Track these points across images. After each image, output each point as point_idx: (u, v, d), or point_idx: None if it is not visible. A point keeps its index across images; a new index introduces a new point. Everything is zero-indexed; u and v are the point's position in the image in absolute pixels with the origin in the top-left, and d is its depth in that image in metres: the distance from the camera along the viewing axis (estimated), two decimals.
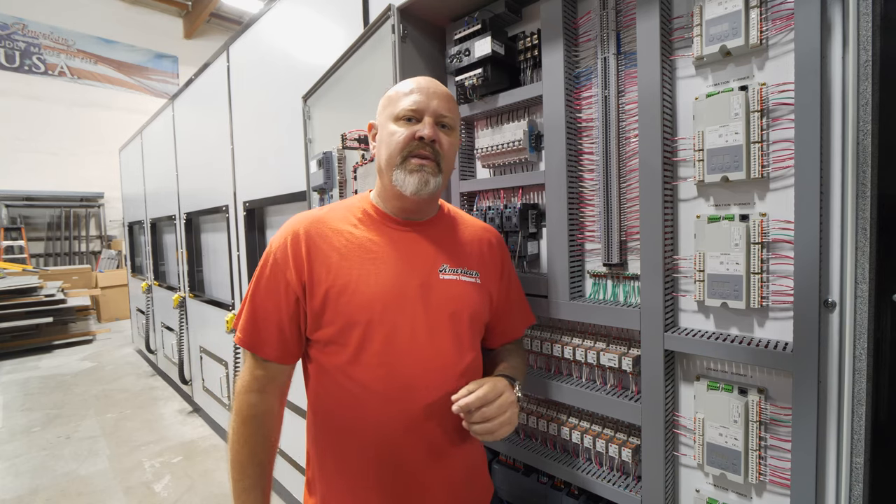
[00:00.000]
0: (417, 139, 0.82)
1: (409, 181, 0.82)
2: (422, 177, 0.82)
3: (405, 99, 0.84)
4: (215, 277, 3.38)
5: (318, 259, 0.83)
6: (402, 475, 0.83)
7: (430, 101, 0.84)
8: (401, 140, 0.82)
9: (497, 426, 0.78)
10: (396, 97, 0.86)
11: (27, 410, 3.91)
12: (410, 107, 0.83)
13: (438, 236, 0.91)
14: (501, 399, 0.80)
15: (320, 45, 1.90)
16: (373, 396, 0.81)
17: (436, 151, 0.83)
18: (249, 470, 0.84)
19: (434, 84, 0.87)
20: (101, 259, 8.46)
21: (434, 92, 0.85)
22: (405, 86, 0.86)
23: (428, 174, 0.82)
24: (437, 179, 0.84)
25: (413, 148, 0.82)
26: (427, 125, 0.82)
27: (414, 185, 0.82)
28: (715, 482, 0.89)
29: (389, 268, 0.83)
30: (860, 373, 0.71)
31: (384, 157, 0.85)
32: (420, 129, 0.82)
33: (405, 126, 0.83)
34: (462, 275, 0.89)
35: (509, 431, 0.81)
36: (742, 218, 0.80)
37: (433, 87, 0.86)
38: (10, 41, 8.12)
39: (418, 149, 0.82)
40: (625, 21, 0.95)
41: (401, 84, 0.88)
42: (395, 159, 0.83)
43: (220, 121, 2.83)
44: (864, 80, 0.68)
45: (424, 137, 0.82)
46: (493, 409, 0.78)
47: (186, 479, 2.75)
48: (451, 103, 0.88)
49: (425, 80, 0.87)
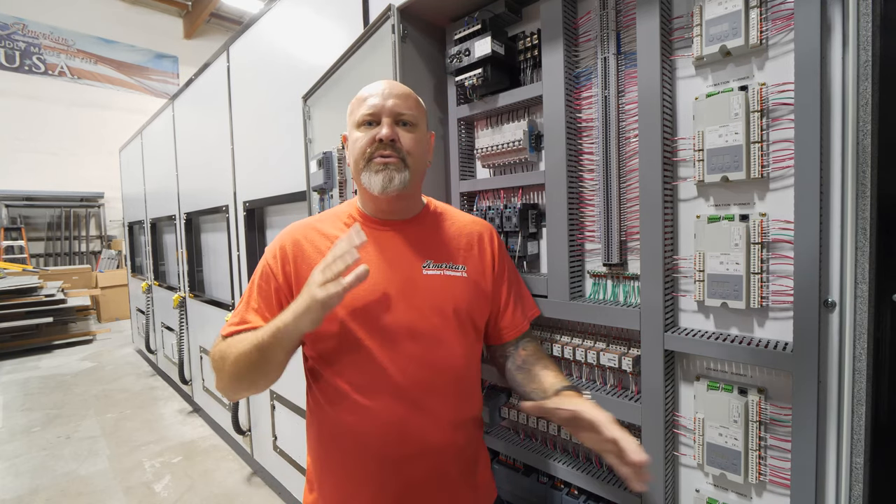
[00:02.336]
0: (377, 141, 0.84)
1: (375, 180, 0.84)
2: (386, 174, 0.84)
3: (363, 105, 0.87)
4: (215, 277, 3.38)
5: (304, 264, 0.86)
6: (400, 472, 0.83)
7: (385, 101, 0.85)
8: (362, 144, 0.85)
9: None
10: (357, 104, 0.89)
11: (27, 410, 3.91)
12: (367, 112, 0.85)
13: (422, 233, 0.92)
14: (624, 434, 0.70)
15: (320, 45, 1.90)
16: (365, 395, 0.81)
17: (397, 149, 0.85)
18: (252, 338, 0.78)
19: (391, 85, 0.88)
20: (101, 259, 8.46)
21: (389, 92, 0.86)
22: (364, 91, 0.89)
23: (392, 171, 0.84)
24: (402, 175, 0.85)
25: (374, 150, 0.85)
26: (385, 125, 0.84)
27: (379, 183, 0.84)
28: (715, 482, 0.89)
29: (373, 267, 0.84)
30: (860, 373, 0.71)
31: (352, 163, 0.89)
32: (378, 132, 0.84)
33: (365, 131, 0.86)
34: (447, 269, 0.90)
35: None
36: (742, 218, 0.80)
37: (388, 88, 0.87)
38: (10, 41, 8.12)
39: (379, 150, 0.84)
40: (625, 21, 0.95)
41: (361, 90, 0.90)
42: (360, 163, 0.86)
43: (221, 121, 2.83)
44: (864, 80, 0.68)
45: (383, 139, 0.83)
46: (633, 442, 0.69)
47: (186, 479, 2.75)
48: (410, 100, 0.88)
49: (383, 83, 0.89)
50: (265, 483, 2.65)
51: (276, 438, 2.44)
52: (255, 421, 2.70)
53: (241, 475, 2.78)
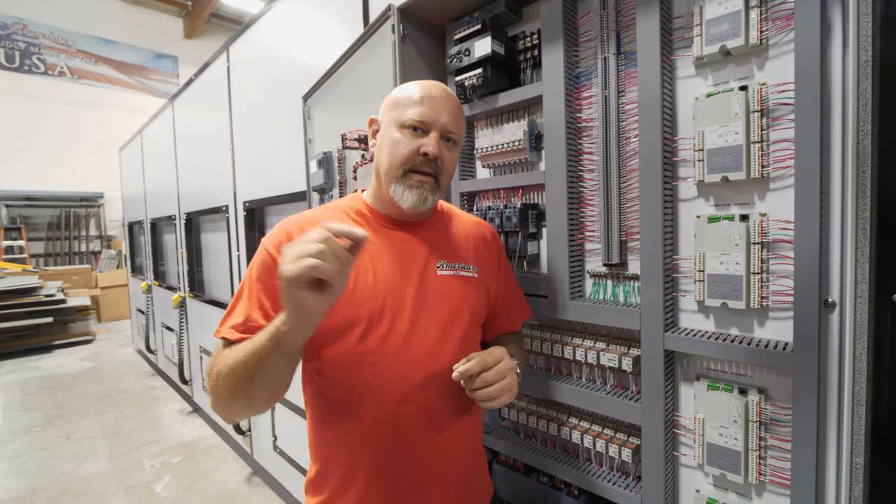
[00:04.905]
0: (422, 155, 0.80)
1: (408, 196, 0.81)
2: (421, 194, 0.81)
3: (414, 107, 0.81)
4: (215, 277, 3.38)
5: None
6: (406, 472, 0.83)
7: (439, 115, 0.81)
8: (404, 153, 0.80)
9: (497, 391, 0.78)
10: (405, 102, 0.82)
11: (27, 410, 3.91)
12: (418, 118, 0.80)
13: (434, 233, 0.91)
14: (500, 365, 0.80)
15: (320, 45, 1.90)
16: (372, 394, 0.80)
17: (437, 168, 0.82)
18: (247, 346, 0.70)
19: (446, 94, 0.84)
20: (101, 259, 8.46)
21: (445, 104, 0.82)
22: (415, 91, 0.83)
23: (427, 192, 0.82)
24: (434, 196, 0.84)
25: (416, 164, 0.81)
26: (433, 142, 0.80)
27: (412, 201, 0.81)
28: (715, 482, 0.89)
29: (386, 265, 0.84)
30: (860, 373, 0.71)
31: (385, 164, 0.83)
32: (425, 145, 0.80)
33: (410, 137, 0.81)
34: (460, 270, 0.89)
35: (510, 399, 0.81)
36: (742, 218, 0.80)
37: (444, 99, 0.83)
38: (10, 41, 8.12)
39: (421, 165, 0.81)
40: (625, 21, 0.94)
41: (410, 87, 0.84)
42: (396, 172, 0.81)
43: (220, 121, 2.83)
44: (864, 80, 0.68)
45: (429, 154, 0.80)
46: (493, 374, 0.78)
47: (186, 479, 2.75)
48: (460, 116, 0.86)
49: (437, 89, 0.84)
50: (265, 483, 2.65)
51: (276, 438, 2.44)
52: (255, 421, 2.70)
53: (241, 475, 2.78)
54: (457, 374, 0.77)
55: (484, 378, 0.78)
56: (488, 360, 0.79)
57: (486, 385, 0.78)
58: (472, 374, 0.78)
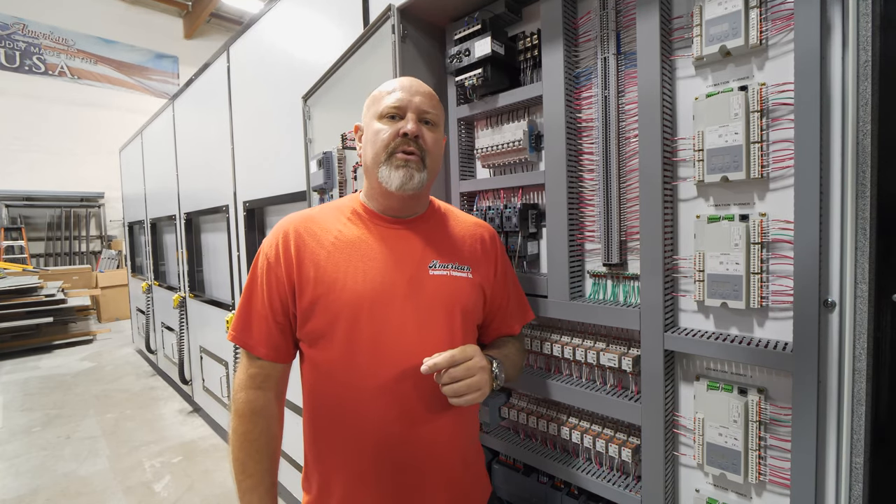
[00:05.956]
0: (401, 135, 0.83)
1: (395, 176, 0.83)
2: (407, 172, 0.83)
3: (388, 97, 0.86)
4: (215, 277, 3.38)
5: (306, 257, 0.84)
6: (399, 470, 0.83)
7: (412, 97, 0.85)
8: (386, 137, 0.84)
9: (464, 388, 0.78)
10: (380, 96, 0.88)
11: (27, 410, 3.91)
12: (393, 104, 0.85)
13: (428, 232, 0.92)
14: (470, 362, 0.80)
15: (320, 45, 1.90)
16: (364, 392, 0.81)
17: (420, 147, 0.85)
18: (251, 468, 0.84)
19: (416, 83, 0.89)
20: (101, 259, 8.46)
21: (416, 90, 0.87)
22: (388, 85, 0.88)
23: (413, 169, 0.84)
24: (421, 175, 0.85)
25: (398, 144, 0.84)
26: (410, 121, 0.84)
27: (399, 179, 0.83)
28: (715, 482, 0.89)
29: (378, 264, 0.84)
30: (860, 373, 0.71)
31: (370, 155, 0.87)
32: (403, 126, 0.83)
33: (389, 123, 0.85)
34: (453, 270, 0.89)
35: (479, 398, 0.80)
36: (742, 218, 0.80)
37: (415, 86, 0.87)
38: (10, 41, 8.13)
39: (402, 145, 0.84)
40: (625, 21, 0.95)
41: (384, 84, 0.90)
42: (381, 156, 0.84)
43: (221, 121, 2.83)
44: (864, 80, 0.68)
45: (408, 133, 0.83)
46: (461, 371, 0.78)
47: (186, 479, 2.75)
48: (434, 100, 0.89)
49: (408, 80, 0.89)
50: None
51: None
52: None
53: None
54: (425, 367, 0.77)
55: (451, 374, 0.78)
56: (458, 357, 0.79)
57: (454, 381, 0.78)
58: (440, 369, 0.78)
